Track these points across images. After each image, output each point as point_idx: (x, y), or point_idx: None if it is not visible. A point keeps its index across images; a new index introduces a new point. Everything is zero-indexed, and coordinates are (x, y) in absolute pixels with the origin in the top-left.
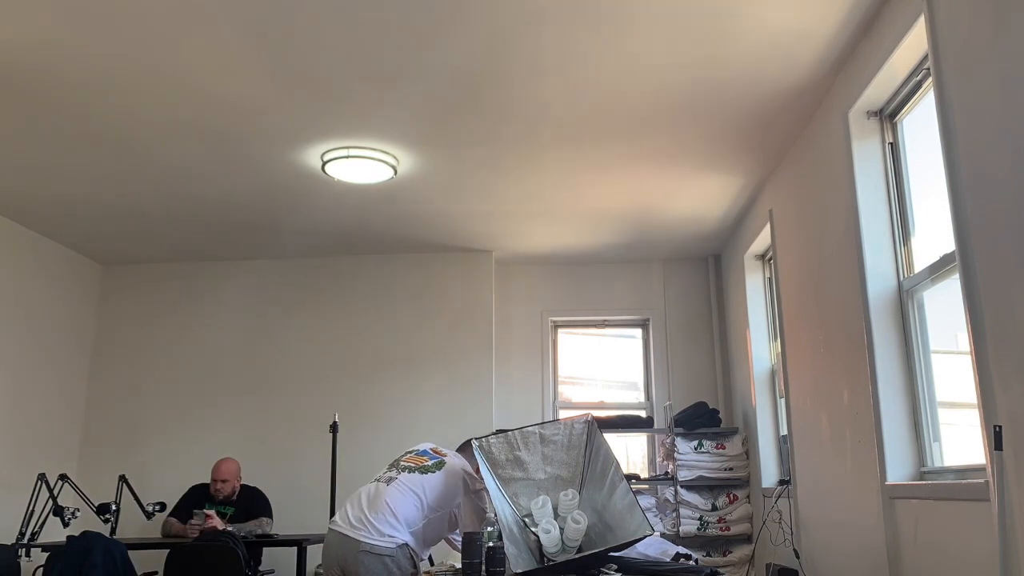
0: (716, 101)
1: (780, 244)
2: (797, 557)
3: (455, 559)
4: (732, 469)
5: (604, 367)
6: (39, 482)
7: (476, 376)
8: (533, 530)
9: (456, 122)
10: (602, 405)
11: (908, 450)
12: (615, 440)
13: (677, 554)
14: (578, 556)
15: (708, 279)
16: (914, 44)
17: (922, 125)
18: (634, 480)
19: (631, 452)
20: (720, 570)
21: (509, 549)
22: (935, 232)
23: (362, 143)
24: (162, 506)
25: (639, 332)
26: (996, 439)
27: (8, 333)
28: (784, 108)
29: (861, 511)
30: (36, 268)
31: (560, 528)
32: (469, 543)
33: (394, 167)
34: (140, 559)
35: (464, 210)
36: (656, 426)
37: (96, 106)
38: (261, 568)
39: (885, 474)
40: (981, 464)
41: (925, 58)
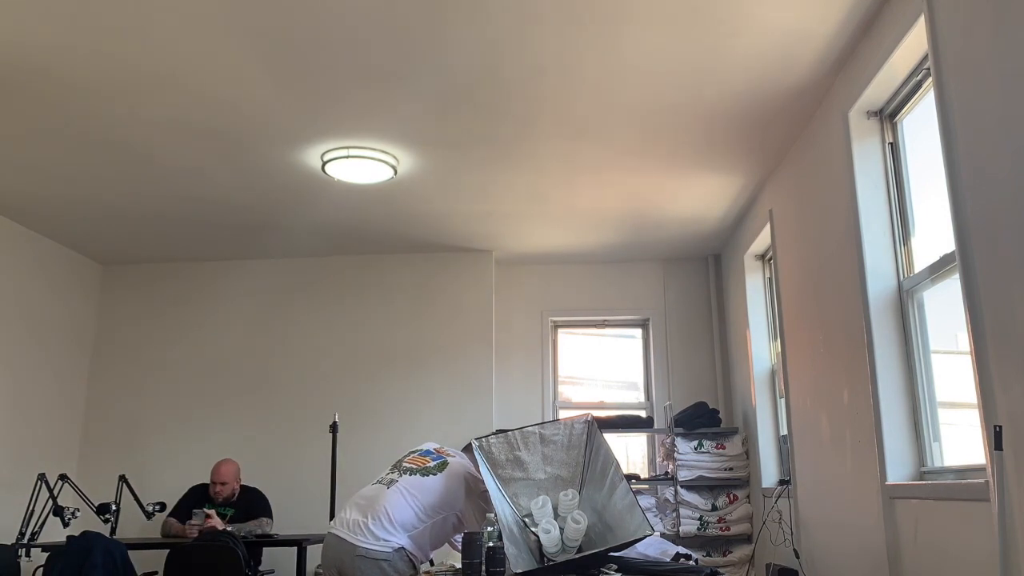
0: (716, 101)
1: (780, 244)
2: (797, 557)
3: (455, 559)
4: (732, 469)
5: (604, 367)
6: (39, 482)
7: (476, 376)
8: (533, 530)
9: (456, 122)
10: (602, 405)
11: (908, 450)
12: (615, 440)
13: (677, 554)
14: (578, 556)
15: (708, 279)
16: (914, 44)
17: (922, 125)
18: (634, 480)
19: (631, 452)
20: (720, 570)
21: (509, 549)
22: (935, 232)
23: (362, 143)
24: (162, 506)
25: (639, 332)
26: (996, 439)
27: (8, 333)
28: (784, 108)
29: (861, 511)
30: (36, 268)
31: (560, 528)
32: (469, 543)
33: (394, 167)
34: (140, 559)
35: (464, 210)
36: (656, 426)
37: (96, 106)
38: (261, 568)
39: (885, 474)
40: (981, 464)
41: (925, 58)
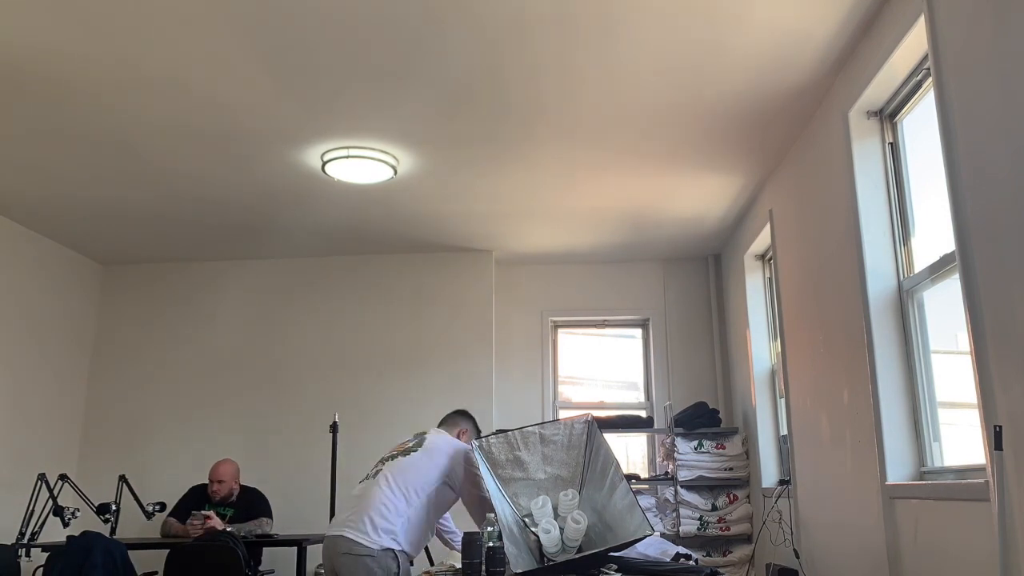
0: (716, 101)
1: (780, 244)
2: (797, 557)
3: (455, 559)
4: (732, 469)
5: (604, 367)
6: (39, 482)
7: (476, 376)
8: (533, 530)
9: (456, 122)
10: (602, 405)
11: (908, 450)
12: (615, 440)
13: (677, 554)
14: (578, 556)
15: (708, 279)
16: (914, 44)
17: (922, 125)
18: (634, 480)
19: (631, 452)
20: (720, 570)
21: (509, 549)
22: (935, 232)
23: (362, 143)
24: (162, 506)
25: (639, 332)
26: (996, 439)
27: (8, 333)
28: (784, 108)
29: (861, 511)
30: (36, 268)
31: (560, 528)
32: (469, 543)
33: (394, 167)
34: (140, 559)
35: (464, 210)
36: (656, 426)
37: (96, 106)
38: (261, 568)
39: (885, 474)
40: (981, 464)
41: (925, 58)
